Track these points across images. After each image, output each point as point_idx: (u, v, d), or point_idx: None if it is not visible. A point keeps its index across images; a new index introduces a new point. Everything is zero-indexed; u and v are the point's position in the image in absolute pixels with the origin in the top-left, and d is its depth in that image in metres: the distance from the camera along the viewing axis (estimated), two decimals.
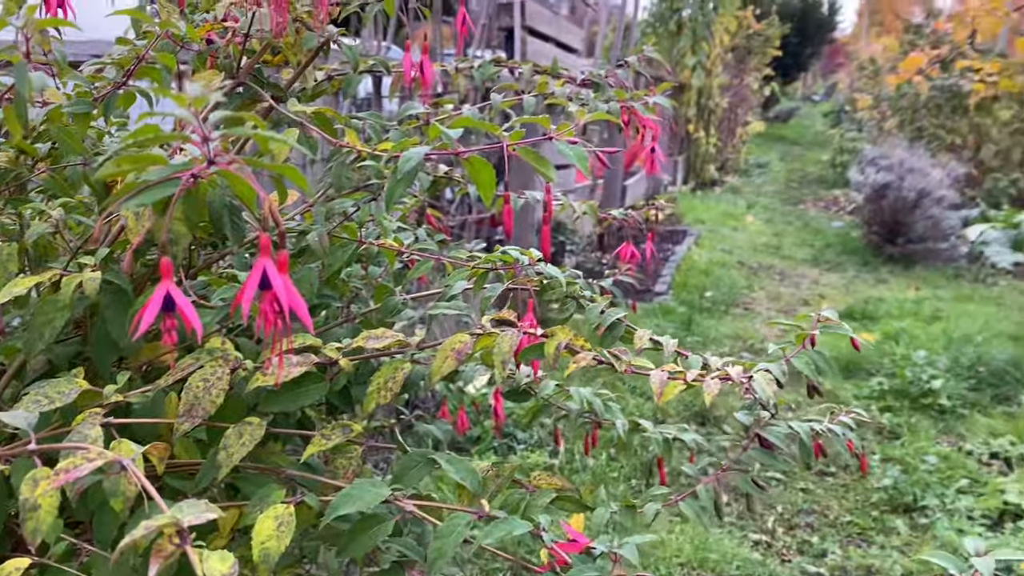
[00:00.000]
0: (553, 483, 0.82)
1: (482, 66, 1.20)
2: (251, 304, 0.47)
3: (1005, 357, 4.44)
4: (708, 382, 0.77)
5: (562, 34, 5.91)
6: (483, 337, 0.76)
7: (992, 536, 2.94)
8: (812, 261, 7.69)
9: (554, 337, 0.75)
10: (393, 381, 0.76)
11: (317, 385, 0.77)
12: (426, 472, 0.75)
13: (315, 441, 0.74)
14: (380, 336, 0.78)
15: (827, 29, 24.77)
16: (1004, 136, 9.58)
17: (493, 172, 0.68)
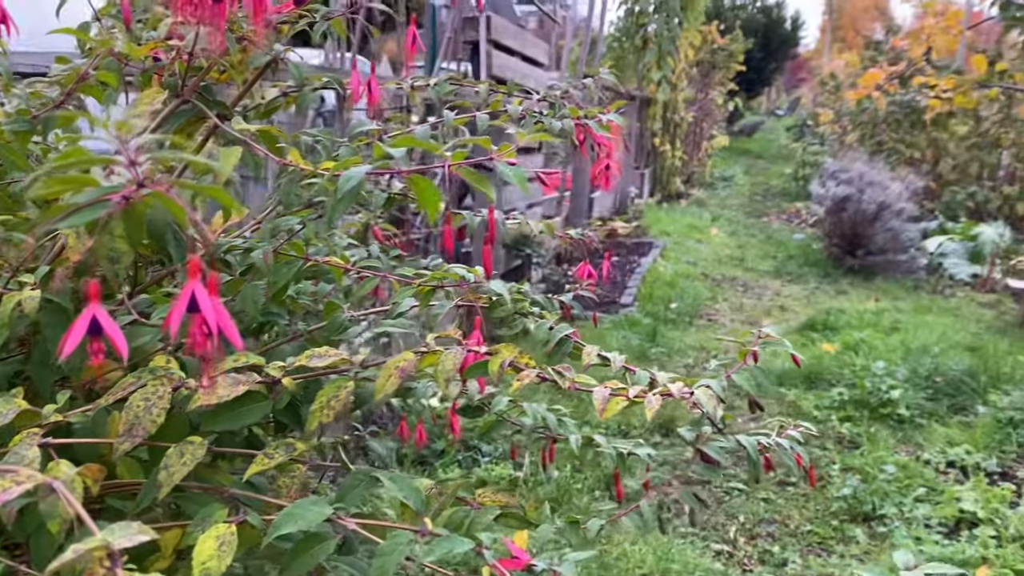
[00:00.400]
0: (498, 500, 0.82)
1: (438, 84, 1.21)
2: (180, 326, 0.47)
3: (962, 367, 4.53)
4: (649, 398, 0.78)
5: (528, 48, 5.94)
6: (428, 355, 0.77)
7: (948, 544, 2.98)
8: (775, 273, 7.79)
9: (498, 355, 0.76)
10: (336, 399, 0.76)
11: (260, 404, 0.76)
12: (369, 490, 0.75)
13: (258, 460, 0.74)
14: (324, 354, 0.78)
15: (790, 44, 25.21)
16: (961, 150, 9.80)
17: (437, 190, 0.69)
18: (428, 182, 0.69)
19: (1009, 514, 3.13)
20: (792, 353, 0.94)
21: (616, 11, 11.53)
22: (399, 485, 0.70)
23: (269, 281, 0.89)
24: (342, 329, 0.95)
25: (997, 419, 3.98)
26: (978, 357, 4.78)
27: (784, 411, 4.19)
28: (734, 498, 3.35)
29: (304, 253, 0.94)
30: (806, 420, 4.03)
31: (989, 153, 9.78)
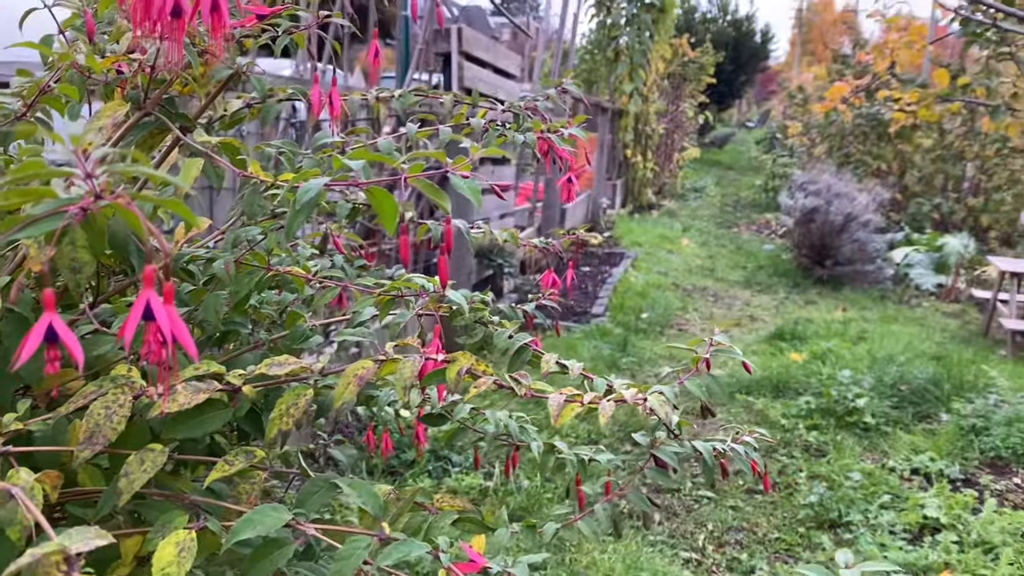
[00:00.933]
0: (456, 505, 0.84)
1: (403, 96, 1.22)
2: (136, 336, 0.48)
3: (926, 376, 4.61)
4: (603, 404, 0.80)
5: (500, 60, 5.98)
6: (387, 363, 0.78)
7: (912, 549, 3.03)
8: (744, 283, 7.88)
9: (456, 363, 0.77)
10: (295, 407, 0.77)
11: (221, 412, 0.77)
12: (329, 496, 0.76)
13: (218, 467, 0.74)
14: (283, 363, 0.79)
15: (760, 58, 25.53)
16: (926, 163, 9.99)
17: (395, 202, 0.71)
18: (386, 194, 0.70)
19: (971, 520, 3.19)
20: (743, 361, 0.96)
21: (588, 23, 11.64)
22: (358, 491, 0.72)
23: (231, 291, 0.90)
24: (303, 338, 0.96)
25: (960, 426, 4.06)
26: (942, 366, 4.87)
27: (752, 419, 4.24)
28: (703, 506, 3.38)
29: (266, 263, 0.95)
30: (774, 429, 4.10)
31: (953, 165, 9.98)
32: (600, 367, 4.88)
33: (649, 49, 11.20)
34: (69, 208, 0.48)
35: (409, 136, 1.08)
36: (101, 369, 0.82)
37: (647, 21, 11.02)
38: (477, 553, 0.66)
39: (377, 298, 0.95)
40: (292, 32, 0.88)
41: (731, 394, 4.59)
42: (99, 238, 0.61)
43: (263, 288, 0.98)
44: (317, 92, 0.91)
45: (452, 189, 2.68)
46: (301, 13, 0.87)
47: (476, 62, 5.45)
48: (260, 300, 1.02)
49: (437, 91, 1.29)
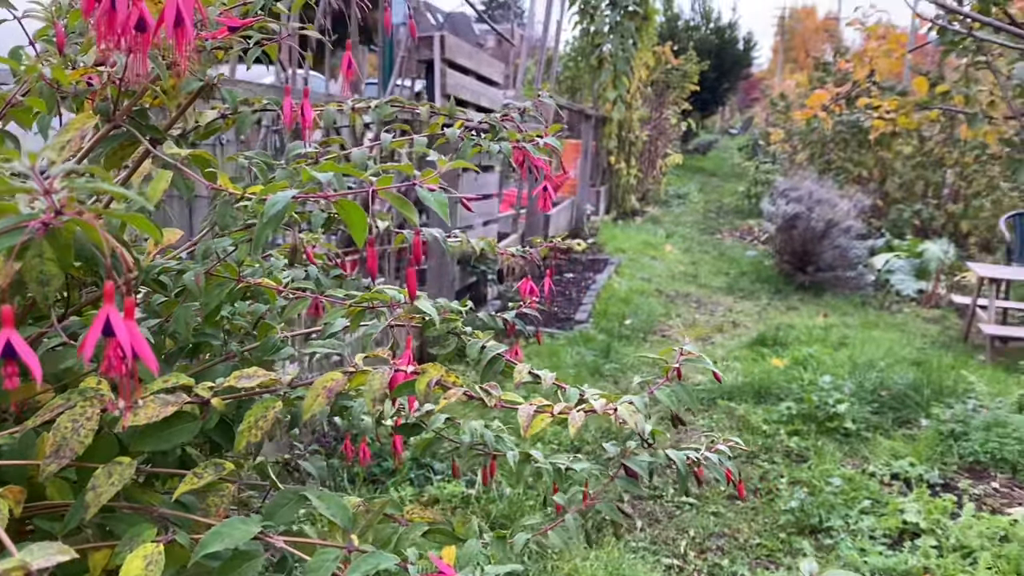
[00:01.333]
0: (426, 516, 0.84)
1: (379, 106, 1.23)
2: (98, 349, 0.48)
3: (906, 382, 4.65)
4: (573, 414, 0.80)
5: (483, 67, 5.99)
6: (357, 375, 0.78)
7: (892, 554, 3.05)
8: (727, 289, 7.91)
9: (425, 374, 0.77)
10: (264, 420, 0.77)
11: (189, 424, 0.77)
12: (298, 508, 0.76)
13: (187, 479, 0.74)
14: (252, 375, 0.79)
15: (743, 65, 25.69)
16: (907, 169, 10.09)
17: (364, 214, 0.71)
18: (355, 206, 0.70)
19: (950, 524, 3.21)
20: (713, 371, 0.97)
21: (572, 31, 11.69)
22: (326, 503, 0.72)
23: (202, 303, 0.90)
24: (274, 350, 0.96)
25: (939, 431, 4.09)
26: (922, 371, 4.91)
27: (734, 425, 4.26)
28: (685, 512, 3.39)
29: (237, 274, 0.95)
30: (755, 434, 4.12)
31: (933, 172, 10.08)
32: (583, 373, 4.89)
33: (632, 56, 11.26)
34: (31, 223, 0.48)
35: (384, 146, 1.08)
36: (71, 382, 0.81)
37: (630, 29, 11.08)
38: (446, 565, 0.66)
39: (348, 309, 0.95)
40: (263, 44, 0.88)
41: (713, 400, 4.60)
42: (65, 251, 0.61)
43: (236, 299, 0.98)
44: (289, 103, 0.91)
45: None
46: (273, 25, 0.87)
47: (459, 69, 5.46)
48: (233, 312, 1.01)
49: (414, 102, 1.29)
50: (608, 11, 11.15)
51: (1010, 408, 4.23)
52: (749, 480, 3.67)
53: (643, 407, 0.84)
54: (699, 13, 23.83)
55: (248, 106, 1.11)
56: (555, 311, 6.60)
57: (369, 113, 1.24)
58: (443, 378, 0.79)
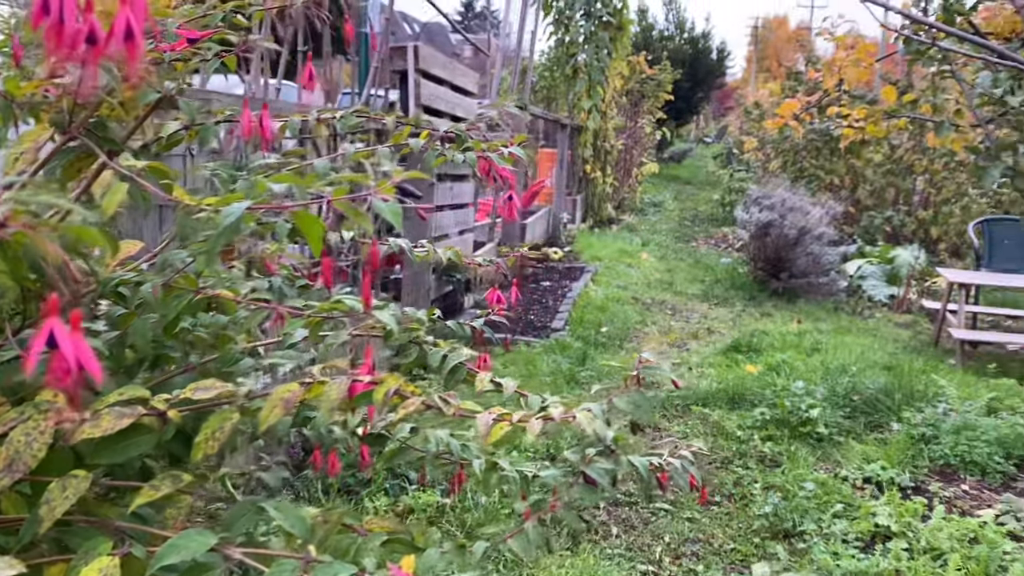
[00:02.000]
0: (385, 526, 0.84)
1: (344, 116, 1.23)
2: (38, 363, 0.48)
3: (878, 386, 4.70)
4: (532, 423, 0.81)
5: (457, 78, 6.01)
6: (314, 386, 0.78)
7: (864, 557, 3.07)
8: (702, 296, 7.97)
9: (383, 384, 0.78)
10: (221, 431, 0.77)
11: (146, 436, 0.77)
12: (255, 520, 0.76)
13: (144, 492, 0.74)
14: (209, 387, 0.79)
15: (716, 74, 25.93)
16: (878, 176, 10.23)
17: (321, 225, 0.71)
18: (311, 216, 0.71)
19: (921, 527, 3.25)
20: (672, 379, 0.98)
21: (547, 41, 11.75)
22: (284, 514, 0.72)
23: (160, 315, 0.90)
24: (234, 361, 0.96)
25: (911, 435, 4.13)
26: (894, 376, 4.96)
27: (708, 431, 4.28)
28: (660, 518, 3.40)
29: (196, 286, 0.95)
30: (729, 440, 4.15)
31: (904, 179, 10.23)
32: (559, 381, 4.90)
33: (607, 66, 11.34)
34: None
35: (346, 157, 1.08)
36: (27, 395, 0.81)
37: (604, 39, 11.16)
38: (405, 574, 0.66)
39: (307, 320, 0.95)
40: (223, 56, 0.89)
41: (687, 406, 4.63)
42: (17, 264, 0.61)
43: (197, 311, 0.98)
44: (247, 116, 0.92)
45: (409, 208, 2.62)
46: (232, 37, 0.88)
47: (434, 80, 5.47)
48: (194, 323, 1.01)
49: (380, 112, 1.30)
50: (583, 21, 11.22)
51: (979, 411, 4.29)
52: (723, 486, 3.69)
53: (601, 414, 0.85)
54: (673, 23, 24.04)
55: (211, 117, 1.11)
56: (532, 319, 6.61)
57: (335, 124, 1.24)
58: (401, 388, 0.79)
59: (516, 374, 4.95)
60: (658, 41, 22.56)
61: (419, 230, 4.99)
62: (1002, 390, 4.81)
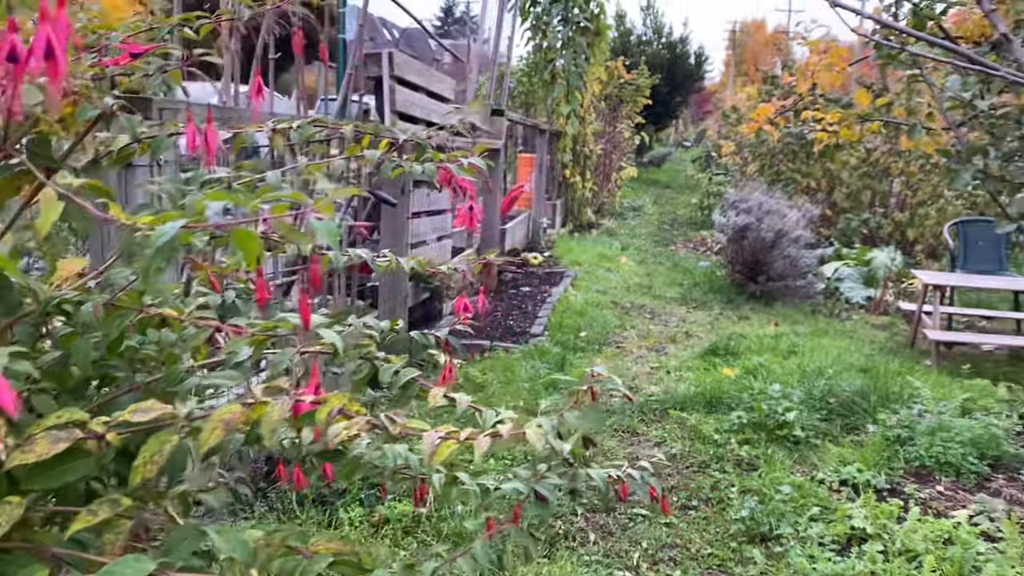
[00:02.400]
0: (331, 548, 0.83)
1: (301, 127, 1.22)
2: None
3: (854, 388, 4.73)
4: (479, 440, 0.80)
5: (433, 84, 5.99)
6: (256, 406, 0.77)
7: (840, 560, 3.09)
8: (681, 300, 7.99)
9: (327, 404, 0.77)
10: (159, 455, 0.75)
11: (85, 460, 0.75)
12: (197, 544, 0.74)
13: (81, 517, 0.72)
14: (148, 408, 0.77)
15: (695, 79, 26.06)
16: (854, 179, 10.32)
17: (257, 242, 0.70)
18: (247, 234, 0.70)
19: (896, 529, 3.27)
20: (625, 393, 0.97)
21: (525, 47, 11.77)
22: (225, 538, 0.70)
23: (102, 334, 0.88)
24: (179, 381, 0.94)
25: (886, 437, 4.16)
26: (870, 378, 4.99)
27: (686, 435, 4.29)
28: (638, 524, 3.40)
29: (140, 304, 0.93)
30: (707, 444, 4.15)
31: (880, 182, 10.32)
32: (538, 387, 4.89)
33: (585, 71, 11.37)
34: None
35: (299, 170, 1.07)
36: None
37: (582, 44, 11.18)
38: None
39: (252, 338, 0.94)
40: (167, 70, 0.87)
41: (665, 411, 4.63)
42: None
43: (146, 328, 0.96)
44: (191, 130, 0.90)
45: (388, 215, 2.70)
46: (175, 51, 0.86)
47: (409, 86, 5.46)
48: (141, 341, 0.99)
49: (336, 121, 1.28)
50: (560, 27, 11.25)
51: (954, 412, 4.32)
52: (700, 490, 3.70)
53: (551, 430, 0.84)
54: (651, 28, 24.14)
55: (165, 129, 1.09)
56: (511, 324, 6.60)
57: (291, 134, 1.23)
58: (346, 407, 0.78)
59: (495, 380, 4.94)
60: (636, 46, 22.65)
61: (394, 238, 4.97)
62: (976, 391, 4.85)
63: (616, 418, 4.51)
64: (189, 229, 0.69)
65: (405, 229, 5.14)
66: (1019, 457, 4.05)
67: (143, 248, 0.82)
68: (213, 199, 0.72)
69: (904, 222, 9.75)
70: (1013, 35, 3.80)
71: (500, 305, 7.19)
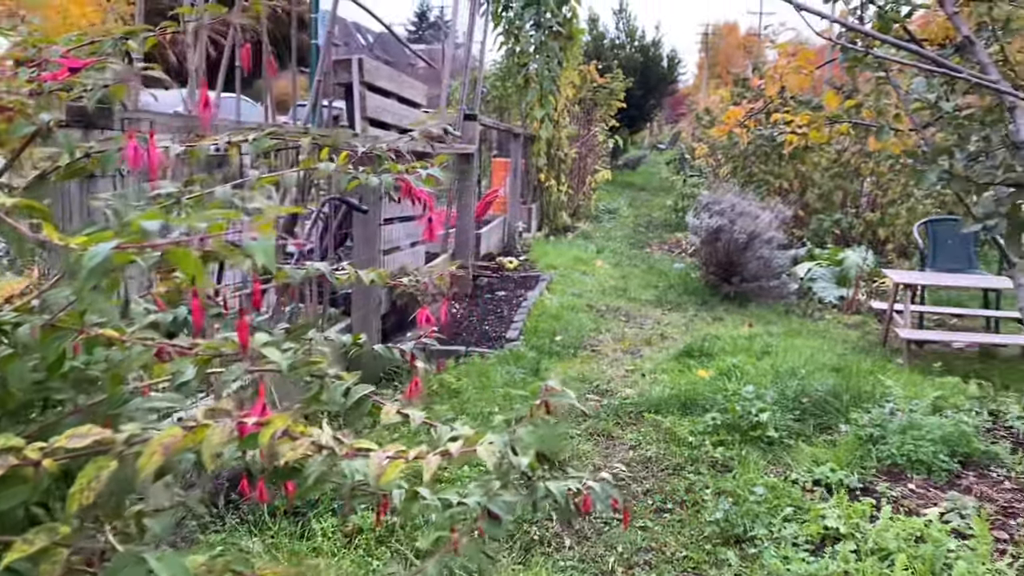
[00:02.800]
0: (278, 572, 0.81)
1: (257, 139, 1.20)
2: None
3: (826, 388, 4.76)
4: (428, 459, 0.79)
5: (404, 90, 5.98)
6: (197, 429, 0.75)
7: (814, 560, 3.10)
8: (656, 302, 8.01)
9: (270, 425, 0.75)
10: (97, 481, 0.73)
11: (21, 487, 0.73)
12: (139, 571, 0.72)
13: (16, 546, 0.70)
14: (85, 434, 0.75)
15: (668, 82, 26.19)
16: (825, 180, 10.41)
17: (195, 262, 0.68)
18: (183, 252, 0.68)
19: (868, 528, 3.29)
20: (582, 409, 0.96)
21: (498, 51, 11.77)
22: (166, 564, 0.69)
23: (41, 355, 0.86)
24: (122, 403, 0.92)
25: (859, 436, 4.19)
26: (842, 377, 5.03)
27: (660, 438, 4.30)
28: (613, 528, 3.40)
29: (81, 324, 0.91)
30: (681, 446, 4.16)
31: (851, 182, 10.42)
32: (512, 392, 4.88)
33: (558, 76, 11.39)
34: None
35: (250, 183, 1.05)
36: None
37: (555, 48, 11.21)
38: None
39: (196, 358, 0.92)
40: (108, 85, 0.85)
41: (640, 413, 4.64)
42: None
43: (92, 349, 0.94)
44: (133, 146, 0.88)
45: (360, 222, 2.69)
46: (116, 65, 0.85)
47: (380, 92, 5.44)
48: (87, 362, 0.97)
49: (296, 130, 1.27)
50: (532, 31, 11.26)
51: (925, 410, 4.36)
52: (675, 492, 3.70)
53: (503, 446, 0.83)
54: (624, 32, 24.24)
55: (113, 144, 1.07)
56: (487, 329, 6.59)
57: (247, 145, 1.21)
58: (290, 428, 0.76)
59: (470, 386, 4.91)
60: (609, 50, 22.74)
61: (367, 244, 4.94)
62: (947, 388, 4.90)
63: (591, 422, 4.51)
64: (122, 250, 0.67)
65: (377, 236, 5.11)
66: (989, 454, 4.09)
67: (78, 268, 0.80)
68: (147, 218, 0.70)
69: (875, 222, 9.85)
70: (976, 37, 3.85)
71: (476, 310, 7.17)
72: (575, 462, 4.02)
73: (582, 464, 3.99)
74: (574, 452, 4.09)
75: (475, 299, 7.59)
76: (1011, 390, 5.12)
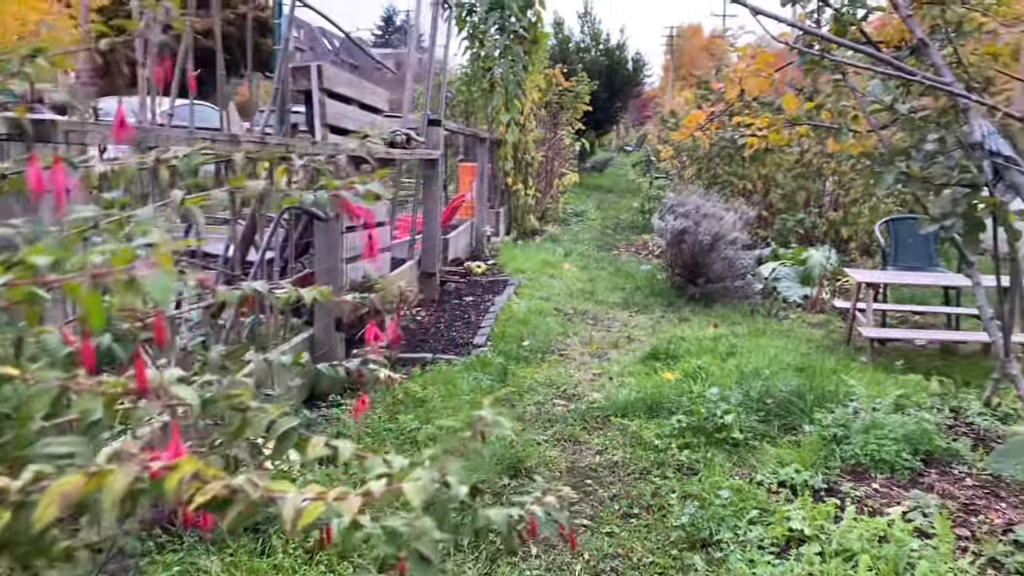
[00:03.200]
0: None
1: (187, 156, 1.16)
2: None
3: (790, 388, 4.78)
4: (350, 500, 0.76)
5: (365, 96, 5.93)
6: (99, 475, 0.71)
7: (779, 563, 3.10)
8: (623, 304, 8.02)
9: (178, 470, 0.71)
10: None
11: None
12: None
13: None
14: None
15: (633, 84, 26.30)
16: (788, 180, 10.50)
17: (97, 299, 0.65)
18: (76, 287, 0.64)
19: (832, 529, 3.29)
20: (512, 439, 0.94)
21: (463, 56, 11.74)
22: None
23: None
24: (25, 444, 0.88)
25: (823, 436, 4.21)
26: (806, 377, 5.05)
27: (627, 442, 4.29)
28: (580, 534, 3.37)
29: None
30: (648, 449, 4.15)
31: (814, 182, 10.53)
32: (479, 399, 4.84)
33: (523, 80, 11.38)
34: None
35: (173, 205, 1.01)
36: None
37: (520, 53, 11.19)
38: None
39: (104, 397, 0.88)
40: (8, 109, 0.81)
41: (607, 418, 4.63)
42: None
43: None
44: (35, 171, 0.84)
45: (322, 230, 2.64)
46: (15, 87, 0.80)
47: (340, 98, 5.38)
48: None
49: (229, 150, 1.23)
50: (497, 35, 11.24)
51: (888, 409, 4.39)
52: (642, 497, 3.69)
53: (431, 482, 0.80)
54: (589, 35, 24.31)
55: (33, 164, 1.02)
56: (454, 336, 6.54)
57: (177, 163, 1.17)
58: (200, 471, 0.73)
59: (436, 395, 4.87)
60: (575, 53, 22.80)
61: (329, 254, 4.88)
62: (909, 386, 4.95)
63: (559, 427, 4.49)
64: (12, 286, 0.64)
65: (340, 243, 5.05)
66: (951, 451, 4.13)
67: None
68: (36, 253, 0.66)
69: (838, 221, 9.95)
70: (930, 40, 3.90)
71: (443, 316, 7.13)
72: (542, 468, 4.00)
73: (549, 471, 3.97)
74: (541, 459, 4.06)
75: (442, 305, 7.54)
76: (971, 386, 5.18)
